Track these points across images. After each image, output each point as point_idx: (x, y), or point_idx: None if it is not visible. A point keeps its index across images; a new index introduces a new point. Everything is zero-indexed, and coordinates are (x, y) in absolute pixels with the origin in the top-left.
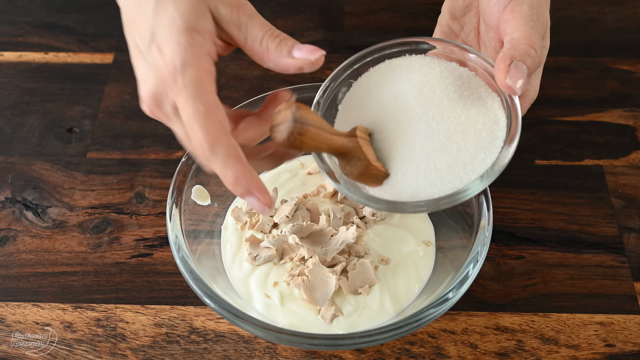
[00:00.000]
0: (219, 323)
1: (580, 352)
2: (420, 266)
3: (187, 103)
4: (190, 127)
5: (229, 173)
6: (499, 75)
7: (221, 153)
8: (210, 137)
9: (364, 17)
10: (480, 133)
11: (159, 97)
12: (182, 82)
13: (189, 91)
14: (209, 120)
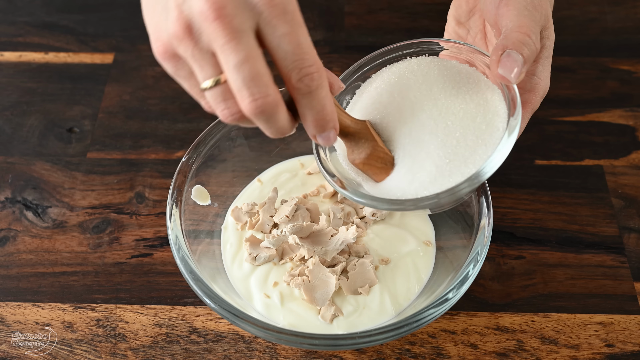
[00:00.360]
0: (219, 323)
1: (580, 352)
2: (420, 266)
3: (295, 32)
4: (296, 59)
5: (328, 107)
6: (492, 66)
7: (324, 86)
8: (321, 69)
9: (364, 17)
10: (480, 126)
11: (239, 7)
12: (292, 7)
13: (297, 19)
14: (311, 49)
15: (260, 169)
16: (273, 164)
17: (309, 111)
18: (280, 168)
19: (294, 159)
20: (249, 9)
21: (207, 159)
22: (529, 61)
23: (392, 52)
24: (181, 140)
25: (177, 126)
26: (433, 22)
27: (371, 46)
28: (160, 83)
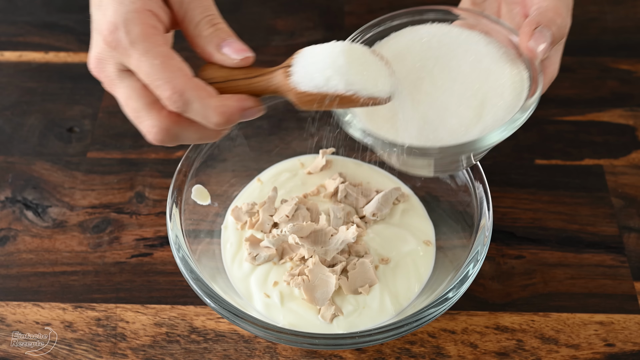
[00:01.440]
0: (219, 323)
1: (580, 351)
2: (420, 266)
3: (140, 61)
4: (154, 86)
5: (213, 113)
6: (523, 38)
7: (194, 98)
8: (178, 87)
9: (364, 17)
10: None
11: (102, 59)
12: (128, 40)
13: (137, 49)
14: (168, 70)
15: (260, 169)
16: (273, 164)
17: (201, 121)
18: (280, 168)
19: (294, 159)
20: (109, 58)
21: (207, 158)
22: (555, 42)
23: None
24: None
25: None
26: None
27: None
28: None
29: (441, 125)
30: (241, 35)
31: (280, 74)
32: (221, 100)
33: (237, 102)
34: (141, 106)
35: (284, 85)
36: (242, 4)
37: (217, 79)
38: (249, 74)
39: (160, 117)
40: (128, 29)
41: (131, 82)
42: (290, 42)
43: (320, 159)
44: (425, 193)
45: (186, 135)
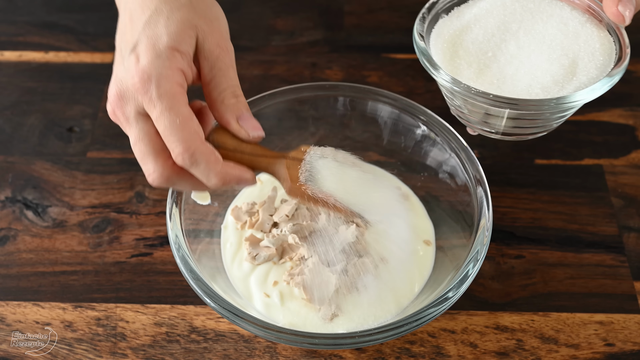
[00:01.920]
0: (219, 322)
1: (580, 351)
2: (420, 266)
3: (162, 115)
4: (169, 139)
5: (214, 177)
6: (609, 3)
7: (202, 161)
8: (191, 148)
9: (364, 16)
10: (595, 50)
11: (125, 98)
12: (157, 93)
13: (164, 104)
14: (186, 131)
15: None
16: None
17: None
18: None
19: None
20: (132, 99)
21: None
22: (636, 10)
23: None
24: None
25: None
26: None
27: (371, 46)
28: None
29: (534, 82)
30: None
31: (283, 164)
32: (224, 168)
33: (238, 173)
34: (149, 151)
35: (283, 174)
36: (242, 4)
37: (227, 145)
38: (255, 151)
39: (164, 166)
40: (160, 83)
41: (145, 126)
42: (290, 42)
43: None
44: (425, 193)
45: (181, 184)
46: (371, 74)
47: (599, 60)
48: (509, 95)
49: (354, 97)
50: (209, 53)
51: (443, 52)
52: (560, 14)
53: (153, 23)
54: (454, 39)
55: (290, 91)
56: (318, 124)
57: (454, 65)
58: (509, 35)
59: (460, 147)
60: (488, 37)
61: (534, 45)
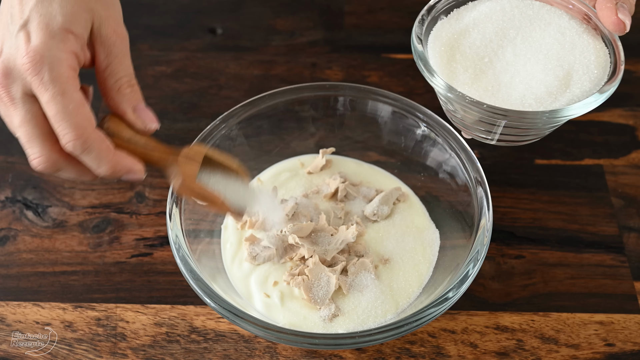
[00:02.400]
0: (219, 322)
1: (580, 351)
2: (420, 266)
3: (54, 99)
4: (59, 125)
5: (105, 165)
6: (608, 13)
7: (94, 149)
8: (83, 136)
9: (364, 16)
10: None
11: (11, 76)
12: (50, 76)
13: (56, 88)
14: (79, 117)
15: (260, 169)
16: (273, 164)
17: (91, 166)
18: (280, 167)
19: (294, 159)
20: (19, 79)
21: None
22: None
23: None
24: (181, 140)
25: (177, 126)
26: None
27: (371, 46)
28: (160, 83)
29: (528, 92)
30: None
31: (175, 161)
32: (115, 157)
33: (129, 164)
34: (36, 134)
35: (175, 171)
36: (242, 4)
37: (122, 135)
38: (149, 144)
39: (52, 150)
40: (53, 66)
41: (32, 107)
42: (290, 42)
43: (320, 159)
44: (425, 193)
45: (68, 171)
46: (371, 74)
47: (594, 73)
48: (502, 104)
49: (354, 97)
50: (106, 39)
51: (440, 56)
52: (559, 23)
53: (47, 1)
54: (451, 43)
55: (290, 91)
56: (318, 124)
57: (450, 69)
58: (506, 42)
59: (460, 147)
60: (486, 43)
61: (530, 54)
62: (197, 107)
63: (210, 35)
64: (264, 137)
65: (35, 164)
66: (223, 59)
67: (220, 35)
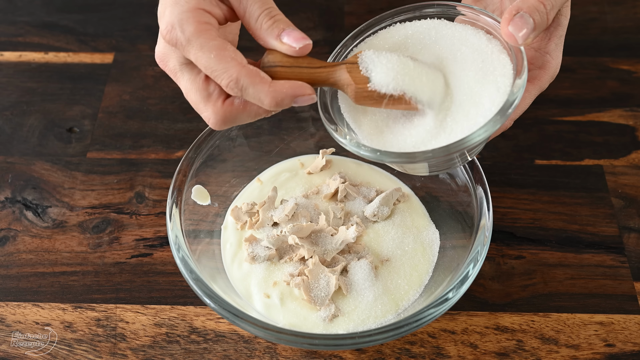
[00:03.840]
0: (219, 323)
1: (580, 352)
2: (420, 266)
3: (197, 56)
4: (214, 76)
5: (266, 98)
6: (503, 25)
7: (249, 84)
8: (233, 75)
9: (364, 17)
10: (488, 84)
11: (165, 55)
12: (184, 38)
13: (195, 46)
14: (223, 62)
15: (260, 169)
16: (273, 164)
17: (256, 102)
18: (280, 167)
19: (294, 159)
20: (169, 53)
21: (207, 159)
22: (538, 28)
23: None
24: (181, 140)
25: (177, 126)
26: None
27: None
28: (160, 83)
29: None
30: (241, 36)
31: (344, 69)
32: (273, 86)
33: (290, 89)
34: (199, 99)
35: (346, 79)
36: None
37: (283, 63)
38: (312, 64)
39: (215, 109)
40: (183, 27)
41: (191, 75)
42: None
43: (320, 159)
44: (425, 193)
45: (241, 118)
46: None
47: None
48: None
49: None
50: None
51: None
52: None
53: None
54: None
55: None
56: (318, 125)
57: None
58: None
59: None
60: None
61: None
62: None
63: None
64: (264, 137)
65: (210, 124)
66: None
67: None
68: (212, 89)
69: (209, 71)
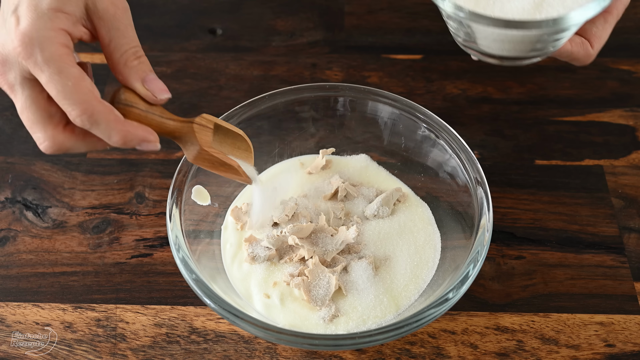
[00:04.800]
0: (219, 323)
1: (580, 352)
2: (420, 266)
3: (52, 80)
4: (63, 103)
5: (116, 136)
6: None
7: (102, 121)
8: (88, 110)
9: (364, 17)
10: None
11: (7, 63)
12: (42, 57)
13: (52, 68)
14: (80, 93)
15: (260, 169)
16: (273, 164)
17: (102, 137)
18: (280, 168)
19: (294, 159)
20: (15, 64)
21: None
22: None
23: None
24: None
25: None
26: (433, 22)
27: (371, 46)
28: None
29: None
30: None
31: (191, 128)
32: (125, 126)
33: (141, 133)
34: (37, 119)
35: (191, 138)
36: (242, 4)
37: (138, 106)
38: (164, 114)
39: (54, 133)
40: (43, 46)
41: (32, 92)
42: (290, 42)
43: (320, 159)
44: (426, 194)
45: (77, 147)
46: (371, 75)
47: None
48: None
49: (354, 97)
50: (104, 12)
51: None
52: None
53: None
54: None
55: (290, 92)
56: (318, 125)
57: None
58: None
59: (460, 147)
60: None
61: None
62: (197, 107)
63: (210, 35)
64: (264, 137)
65: (42, 148)
66: (223, 60)
67: (220, 35)
68: (54, 111)
69: (61, 97)
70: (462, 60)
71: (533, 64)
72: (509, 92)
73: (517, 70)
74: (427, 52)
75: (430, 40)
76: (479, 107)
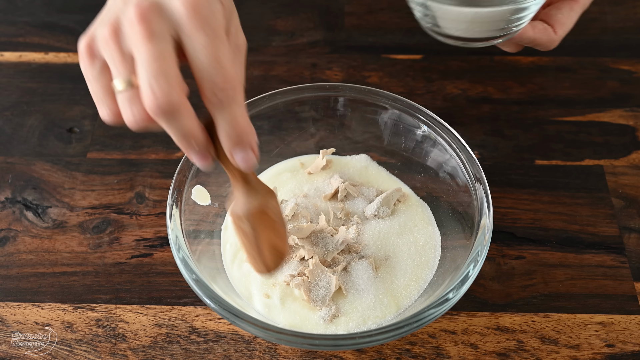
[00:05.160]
0: (219, 323)
1: (580, 352)
2: (420, 266)
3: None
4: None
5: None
6: None
7: (240, 101)
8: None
9: (364, 17)
10: None
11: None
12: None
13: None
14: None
15: (260, 169)
16: (273, 164)
17: (222, 124)
18: (280, 168)
19: (294, 159)
20: (171, 18)
21: None
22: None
23: None
24: None
25: None
26: None
27: (371, 46)
28: None
29: None
30: None
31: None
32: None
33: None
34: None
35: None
36: (242, 4)
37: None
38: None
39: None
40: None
41: (169, 47)
42: (290, 42)
43: (320, 159)
44: (426, 194)
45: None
46: (371, 75)
47: None
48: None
49: (354, 97)
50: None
51: None
52: None
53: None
54: None
55: (290, 92)
56: (318, 125)
57: None
58: None
59: (460, 147)
60: None
61: None
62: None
63: None
64: (264, 137)
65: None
66: None
67: None
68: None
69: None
70: (462, 60)
71: (533, 64)
72: (509, 92)
73: (517, 70)
74: (427, 52)
75: (431, 40)
76: (479, 107)
